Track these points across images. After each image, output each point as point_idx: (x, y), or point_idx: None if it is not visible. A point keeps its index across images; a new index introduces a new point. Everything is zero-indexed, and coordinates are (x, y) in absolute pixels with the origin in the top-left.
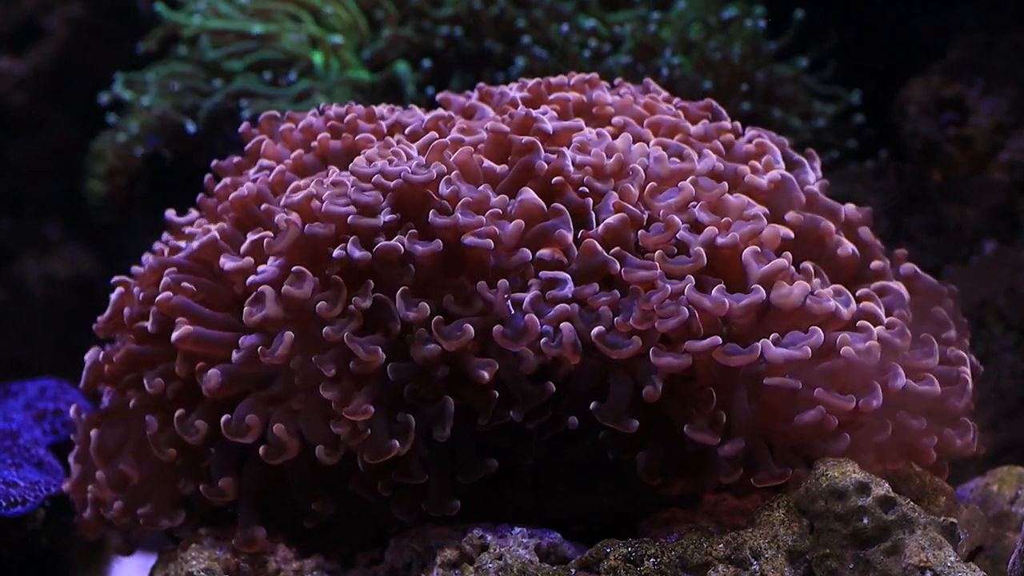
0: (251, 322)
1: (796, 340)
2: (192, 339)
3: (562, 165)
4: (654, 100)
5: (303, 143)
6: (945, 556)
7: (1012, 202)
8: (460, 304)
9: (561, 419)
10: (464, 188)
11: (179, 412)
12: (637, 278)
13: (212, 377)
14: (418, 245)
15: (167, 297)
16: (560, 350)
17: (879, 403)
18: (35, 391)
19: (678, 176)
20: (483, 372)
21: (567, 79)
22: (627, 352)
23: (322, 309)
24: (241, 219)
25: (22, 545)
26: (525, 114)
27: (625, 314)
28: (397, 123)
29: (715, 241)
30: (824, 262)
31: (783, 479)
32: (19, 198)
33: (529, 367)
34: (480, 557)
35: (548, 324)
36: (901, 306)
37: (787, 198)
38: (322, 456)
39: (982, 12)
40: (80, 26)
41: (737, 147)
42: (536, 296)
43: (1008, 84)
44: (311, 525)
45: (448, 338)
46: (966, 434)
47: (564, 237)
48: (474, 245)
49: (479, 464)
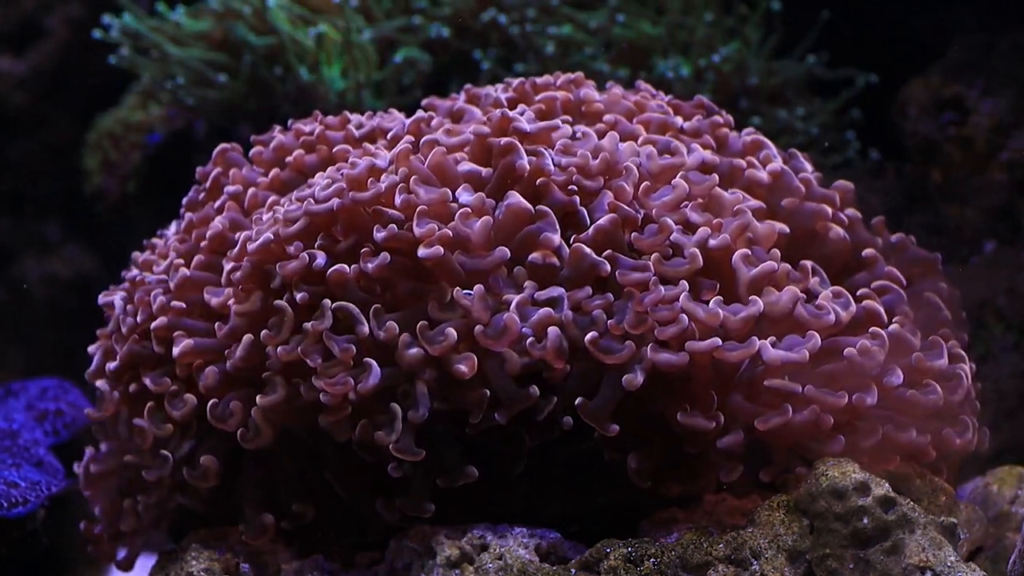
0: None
1: (794, 344)
2: (192, 352)
3: (542, 165)
4: (644, 98)
5: (276, 162)
6: (945, 556)
7: (1012, 202)
8: (443, 309)
9: (556, 422)
10: (422, 192)
11: (171, 388)
12: (631, 280)
13: (209, 375)
14: (369, 263)
15: (162, 323)
16: (544, 352)
17: (874, 400)
18: (36, 391)
19: (669, 172)
20: (462, 367)
21: (553, 79)
22: (621, 357)
23: (266, 337)
24: (216, 249)
25: (22, 545)
26: (502, 115)
27: (619, 316)
28: (378, 128)
29: (707, 243)
30: (819, 250)
31: (786, 473)
32: (19, 198)
33: (513, 368)
34: (480, 557)
35: (532, 326)
36: (902, 304)
37: (787, 191)
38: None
39: (982, 12)
40: (80, 26)
41: (733, 142)
42: (524, 299)
43: (1008, 84)
44: (288, 527)
45: (432, 343)
46: (965, 432)
47: (550, 240)
48: (426, 257)
49: (462, 470)
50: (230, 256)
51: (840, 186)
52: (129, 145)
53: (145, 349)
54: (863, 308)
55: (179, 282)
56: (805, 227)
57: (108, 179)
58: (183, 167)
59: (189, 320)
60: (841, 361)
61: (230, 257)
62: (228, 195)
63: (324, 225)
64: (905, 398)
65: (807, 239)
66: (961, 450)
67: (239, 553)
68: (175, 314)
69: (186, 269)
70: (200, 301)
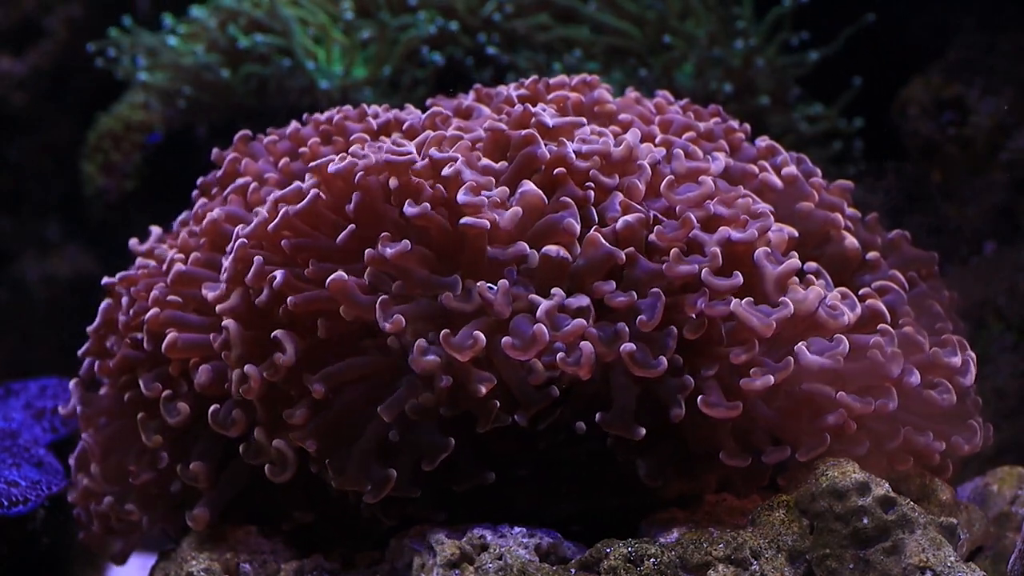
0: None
1: (824, 348)
2: (180, 346)
3: (565, 153)
4: (662, 102)
5: (290, 152)
6: (945, 556)
7: (1012, 202)
8: (459, 300)
9: (566, 423)
10: (468, 172)
11: (166, 393)
12: (678, 273)
13: (202, 372)
14: (388, 248)
15: (155, 314)
16: (576, 368)
17: (895, 405)
18: (36, 390)
19: (695, 174)
20: (480, 387)
21: (567, 79)
22: (656, 372)
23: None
24: (215, 243)
25: (22, 545)
26: (523, 109)
27: (648, 313)
28: (394, 120)
29: (730, 238)
30: (828, 255)
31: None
32: (19, 198)
33: (538, 379)
34: (480, 557)
35: (563, 338)
36: (902, 304)
37: (799, 196)
38: (271, 474)
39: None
40: (80, 26)
41: (746, 149)
42: (553, 306)
43: (1008, 84)
44: (287, 528)
45: (460, 349)
46: (973, 438)
47: (572, 226)
48: (472, 224)
49: (475, 473)
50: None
51: (840, 186)
52: (129, 145)
53: (138, 350)
54: (867, 308)
55: (174, 277)
56: (814, 232)
57: (108, 179)
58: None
59: (182, 314)
60: (862, 361)
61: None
62: (233, 188)
63: (334, 204)
64: (922, 397)
65: (815, 244)
66: (969, 454)
67: (239, 553)
68: (170, 308)
69: (182, 264)
70: (197, 296)
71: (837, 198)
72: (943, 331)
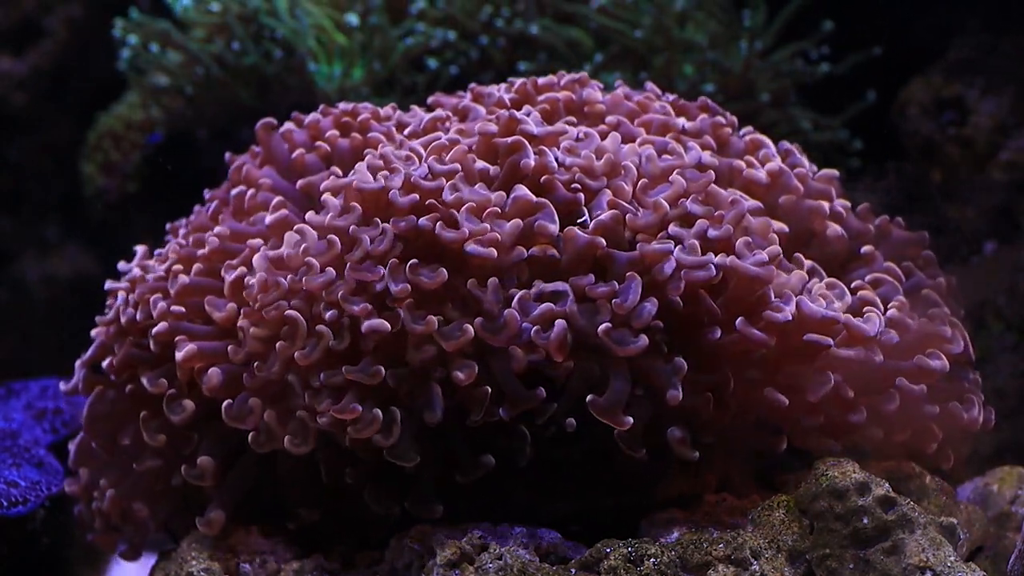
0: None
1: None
2: (197, 356)
3: (546, 163)
4: (648, 99)
5: (305, 143)
6: (945, 556)
7: (1012, 202)
8: (458, 309)
9: (559, 421)
10: (466, 191)
11: (170, 392)
12: (651, 251)
13: (212, 376)
14: (424, 276)
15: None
16: (546, 343)
17: (881, 359)
18: (37, 390)
19: (668, 172)
20: (459, 374)
21: (556, 79)
22: (632, 350)
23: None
24: (215, 258)
25: (22, 545)
26: (509, 116)
27: (624, 296)
28: (399, 123)
29: (707, 234)
30: (819, 248)
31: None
32: (19, 198)
33: (519, 365)
34: (480, 557)
35: (535, 321)
36: (897, 295)
37: (785, 190)
38: (291, 446)
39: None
40: (80, 26)
41: (734, 143)
42: (526, 294)
43: (1008, 84)
44: (293, 527)
45: (448, 338)
46: (972, 409)
47: (546, 228)
48: (476, 253)
49: (476, 462)
50: (230, 264)
51: (825, 175)
52: (129, 145)
53: (143, 350)
54: (858, 299)
55: (179, 289)
56: (803, 226)
57: (108, 179)
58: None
59: (190, 324)
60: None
61: (230, 266)
62: (233, 197)
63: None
64: (913, 362)
65: (806, 237)
66: (968, 427)
67: (239, 553)
68: (175, 318)
69: (185, 276)
70: (199, 305)
71: (824, 186)
72: (937, 316)
